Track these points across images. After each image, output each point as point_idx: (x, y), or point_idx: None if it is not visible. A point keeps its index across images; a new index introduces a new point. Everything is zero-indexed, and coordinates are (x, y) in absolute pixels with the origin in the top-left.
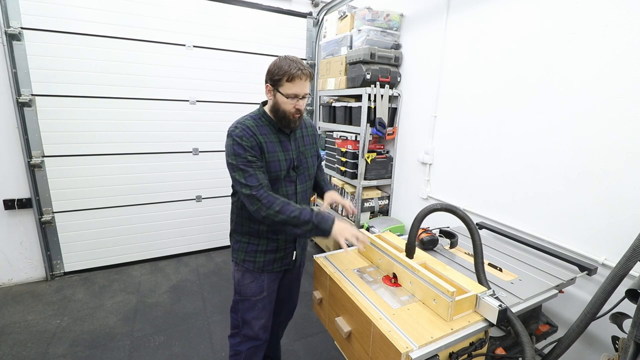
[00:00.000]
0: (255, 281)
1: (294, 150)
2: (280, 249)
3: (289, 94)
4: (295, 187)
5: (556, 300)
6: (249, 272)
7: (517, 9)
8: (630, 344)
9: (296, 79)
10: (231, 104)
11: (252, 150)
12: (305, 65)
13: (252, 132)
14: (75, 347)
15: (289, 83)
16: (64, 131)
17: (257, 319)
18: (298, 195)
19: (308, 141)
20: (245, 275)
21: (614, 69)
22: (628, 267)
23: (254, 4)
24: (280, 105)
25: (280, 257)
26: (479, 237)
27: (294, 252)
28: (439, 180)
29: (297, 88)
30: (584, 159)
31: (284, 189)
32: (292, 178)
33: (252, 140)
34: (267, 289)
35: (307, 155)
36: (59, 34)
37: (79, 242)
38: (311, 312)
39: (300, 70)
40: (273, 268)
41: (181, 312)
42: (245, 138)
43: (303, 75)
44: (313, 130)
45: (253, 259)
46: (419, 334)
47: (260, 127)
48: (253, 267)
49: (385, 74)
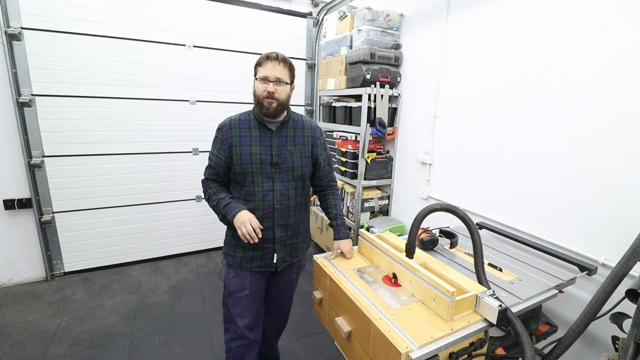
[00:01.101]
0: (237, 277)
1: (275, 146)
2: (257, 248)
3: (259, 77)
4: (273, 183)
5: (556, 300)
6: (231, 267)
7: (517, 9)
8: (630, 344)
9: (264, 62)
10: (231, 104)
11: (220, 144)
12: (279, 53)
13: (229, 126)
14: (75, 347)
15: (260, 67)
16: (64, 131)
17: (241, 317)
18: (276, 192)
19: (301, 142)
20: (229, 270)
21: (614, 69)
22: (628, 267)
23: (254, 4)
24: (255, 91)
25: (258, 256)
26: (479, 237)
27: (274, 255)
28: (439, 180)
29: (265, 70)
30: (584, 159)
31: (259, 184)
32: (269, 174)
33: (225, 133)
34: (249, 287)
35: (294, 155)
36: (59, 34)
37: (79, 242)
38: (311, 312)
39: (268, 55)
40: (252, 267)
41: (181, 312)
42: (220, 131)
43: (270, 60)
44: (312, 132)
45: (233, 254)
46: (419, 334)
47: (242, 122)
48: (233, 262)
49: (385, 74)
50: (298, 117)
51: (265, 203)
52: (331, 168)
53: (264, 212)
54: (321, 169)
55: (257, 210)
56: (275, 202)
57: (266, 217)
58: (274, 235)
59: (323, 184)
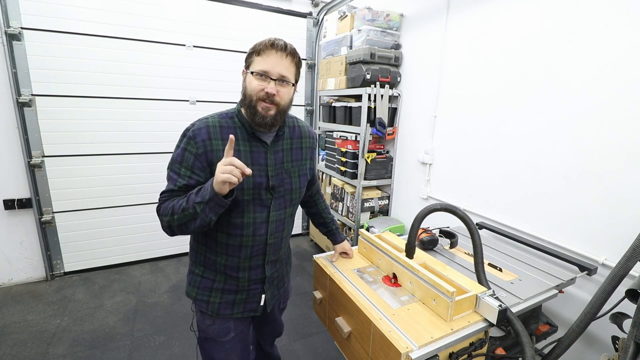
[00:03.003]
0: (215, 324)
1: (271, 165)
2: (241, 290)
3: (256, 70)
4: (268, 213)
5: (556, 300)
6: (206, 315)
7: (517, 9)
8: (630, 344)
9: (266, 50)
10: (231, 104)
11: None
12: (287, 42)
13: (207, 136)
14: (75, 347)
15: (258, 57)
16: (64, 131)
17: None
18: (270, 225)
19: (299, 155)
20: (205, 317)
21: (614, 69)
22: (628, 267)
23: (254, 4)
24: (247, 89)
25: (241, 300)
26: (479, 237)
27: (262, 296)
28: (439, 180)
29: (266, 63)
30: (584, 159)
31: (250, 215)
32: (264, 202)
33: (200, 145)
34: (234, 329)
35: (292, 174)
36: (59, 34)
37: (79, 242)
38: (311, 312)
39: (273, 42)
40: (232, 313)
41: (181, 312)
42: (193, 142)
43: (274, 49)
44: (311, 142)
45: (207, 299)
46: (419, 334)
47: (225, 129)
48: (207, 309)
49: (385, 74)
50: (292, 121)
51: (256, 238)
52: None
53: (253, 250)
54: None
55: (245, 248)
56: (269, 237)
57: (256, 254)
58: (264, 274)
59: (313, 193)
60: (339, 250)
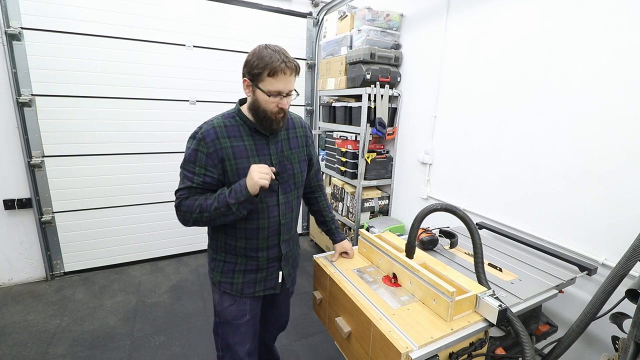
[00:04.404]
0: (235, 304)
1: (274, 154)
2: (261, 269)
3: (271, 91)
4: (277, 197)
5: (556, 300)
6: (227, 295)
7: (517, 9)
8: (630, 344)
9: (279, 73)
10: (231, 104)
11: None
12: (290, 56)
13: (215, 135)
14: (75, 347)
15: (271, 78)
16: (64, 131)
17: (240, 345)
18: (281, 207)
19: (296, 144)
20: (224, 297)
21: (614, 69)
22: (628, 267)
23: (254, 4)
24: (261, 104)
25: (262, 278)
26: (479, 237)
27: (279, 273)
28: (439, 180)
29: (280, 84)
30: (584, 159)
31: (263, 201)
32: (272, 187)
33: (211, 145)
34: (250, 312)
35: (293, 161)
36: (59, 34)
37: (79, 242)
38: (311, 312)
39: (285, 63)
40: (255, 291)
41: (181, 312)
42: (203, 142)
43: (287, 69)
44: (304, 131)
45: (230, 280)
46: (419, 334)
47: (230, 128)
48: (231, 290)
49: (385, 74)
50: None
51: (271, 220)
52: (319, 166)
53: (269, 231)
54: (313, 169)
55: (262, 230)
56: (282, 218)
57: (272, 235)
58: (280, 252)
59: (313, 185)
60: (339, 249)
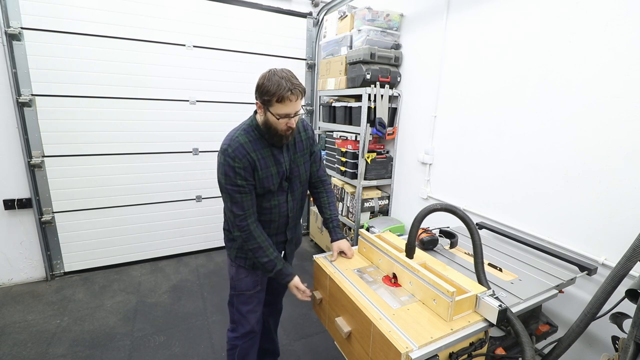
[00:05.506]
0: (249, 276)
1: (286, 161)
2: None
3: (280, 114)
4: (286, 196)
5: (556, 300)
6: (242, 268)
7: (517, 9)
8: (630, 344)
9: (286, 100)
10: (231, 104)
11: (243, 172)
12: (296, 81)
13: (245, 151)
14: (75, 347)
15: (280, 104)
16: (64, 131)
17: (252, 312)
18: (289, 203)
19: (301, 147)
20: (240, 270)
21: (614, 69)
22: (628, 267)
23: (254, 4)
24: (272, 124)
25: None
26: (479, 237)
27: (283, 252)
28: (439, 180)
29: (288, 108)
30: (584, 158)
31: (275, 199)
32: (284, 188)
33: (244, 160)
34: (260, 283)
35: (299, 163)
36: (59, 34)
37: (79, 242)
38: (311, 312)
39: (291, 91)
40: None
41: (181, 312)
42: (237, 159)
43: (293, 96)
44: (307, 134)
45: (245, 256)
46: (419, 334)
47: (253, 142)
48: (245, 264)
49: (385, 74)
50: None
51: (281, 214)
52: (322, 163)
53: (279, 223)
54: (313, 164)
55: (273, 222)
56: (290, 212)
57: (281, 225)
58: (285, 237)
59: (314, 180)
60: (335, 249)
